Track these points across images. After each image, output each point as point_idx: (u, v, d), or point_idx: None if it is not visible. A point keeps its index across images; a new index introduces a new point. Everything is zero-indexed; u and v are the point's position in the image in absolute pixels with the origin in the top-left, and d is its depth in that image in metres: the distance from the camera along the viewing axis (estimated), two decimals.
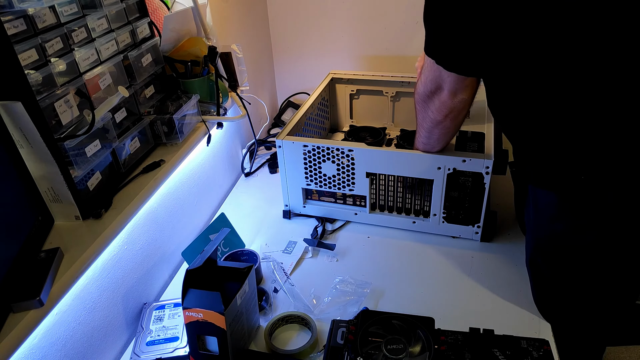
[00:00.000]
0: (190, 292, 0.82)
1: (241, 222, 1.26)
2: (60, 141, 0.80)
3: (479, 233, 1.14)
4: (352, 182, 1.17)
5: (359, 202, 1.22)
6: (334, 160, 1.16)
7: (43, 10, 0.79)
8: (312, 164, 1.19)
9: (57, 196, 0.83)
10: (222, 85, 1.25)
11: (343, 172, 1.17)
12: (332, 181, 1.19)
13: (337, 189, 1.21)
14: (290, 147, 1.18)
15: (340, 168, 1.16)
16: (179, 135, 1.10)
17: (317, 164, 1.18)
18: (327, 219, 1.27)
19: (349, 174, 1.16)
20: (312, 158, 1.18)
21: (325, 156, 1.16)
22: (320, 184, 1.21)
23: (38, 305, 0.69)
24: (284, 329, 0.96)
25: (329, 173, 1.18)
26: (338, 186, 1.20)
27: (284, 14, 1.78)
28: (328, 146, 1.14)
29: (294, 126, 1.25)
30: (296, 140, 1.17)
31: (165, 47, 1.15)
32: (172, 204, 1.15)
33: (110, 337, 0.94)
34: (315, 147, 1.15)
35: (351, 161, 1.14)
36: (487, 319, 0.95)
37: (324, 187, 1.21)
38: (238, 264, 0.92)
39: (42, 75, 0.78)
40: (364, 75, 1.54)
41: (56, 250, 0.77)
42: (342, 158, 1.14)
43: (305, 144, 1.16)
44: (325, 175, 1.19)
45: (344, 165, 1.16)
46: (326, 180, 1.20)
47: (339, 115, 1.64)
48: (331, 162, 1.16)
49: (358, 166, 1.14)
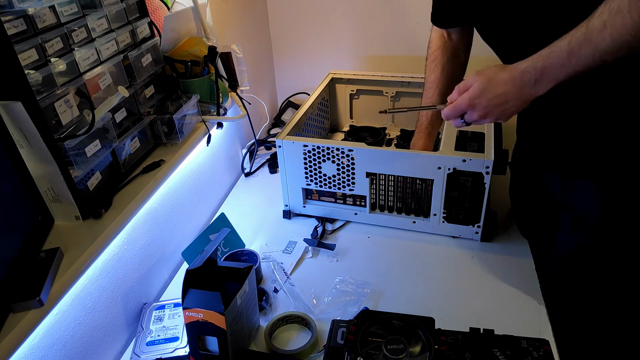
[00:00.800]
0: (191, 292, 0.82)
1: (241, 222, 1.26)
2: (60, 141, 0.80)
3: (479, 233, 1.15)
4: (352, 182, 1.18)
5: (359, 202, 1.22)
6: (334, 160, 1.16)
7: (43, 10, 0.79)
8: (312, 163, 1.19)
9: (57, 196, 0.83)
10: (222, 85, 1.25)
11: (343, 172, 1.17)
12: (332, 181, 1.20)
13: (337, 189, 1.21)
14: (290, 147, 1.18)
15: (341, 168, 1.17)
16: (179, 135, 1.10)
17: (317, 163, 1.18)
18: (327, 219, 1.27)
19: (349, 173, 1.17)
20: (312, 158, 1.18)
21: (326, 156, 1.16)
22: (321, 184, 1.21)
23: (38, 305, 0.69)
24: (284, 329, 0.96)
25: (329, 173, 1.18)
26: (338, 186, 1.20)
27: (284, 14, 1.78)
28: (328, 146, 1.14)
29: (294, 126, 1.25)
30: (296, 140, 1.17)
31: (165, 47, 1.15)
32: (172, 204, 1.15)
33: (110, 337, 0.94)
34: (315, 147, 1.16)
35: (351, 161, 1.14)
36: (487, 318, 0.95)
37: (324, 187, 1.21)
38: (238, 264, 0.92)
39: (42, 75, 0.78)
40: (364, 75, 1.54)
41: (56, 250, 0.77)
42: (342, 158, 1.15)
43: (305, 144, 1.16)
44: (325, 175, 1.19)
45: (344, 165, 1.16)
46: (326, 180, 1.20)
47: (339, 115, 1.65)
48: (331, 162, 1.16)
49: (358, 166, 1.15)
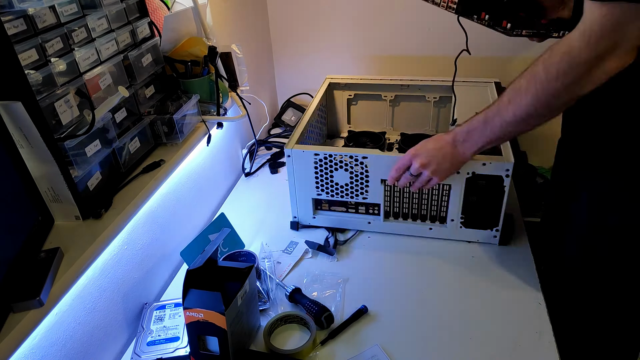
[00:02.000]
0: (191, 293, 0.82)
1: (241, 222, 1.26)
2: (60, 141, 0.80)
3: (498, 237, 1.12)
4: (366, 190, 1.13)
5: (372, 210, 1.18)
6: (347, 168, 1.11)
7: (43, 10, 0.79)
8: (324, 172, 1.14)
9: (57, 196, 0.83)
10: (222, 85, 1.25)
11: (356, 180, 1.12)
12: (344, 190, 1.15)
13: (349, 198, 1.16)
14: (300, 156, 1.13)
15: (354, 176, 1.12)
16: (179, 135, 1.10)
17: (329, 172, 1.13)
18: (337, 229, 1.23)
19: (362, 181, 1.12)
20: (323, 167, 1.13)
21: (338, 164, 1.11)
22: (332, 193, 1.16)
23: (38, 305, 0.69)
24: (283, 329, 0.96)
25: (342, 182, 1.14)
26: (351, 194, 1.15)
27: (284, 14, 1.78)
28: (341, 153, 1.10)
29: (301, 134, 1.20)
30: (306, 149, 1.12)
31: (165, 47, 1.15)
32: (172, 204, 1.15)
33: (110, 337, 0.94)
34: (327, 155, 1.10)
35: (365, 168, 1.10)
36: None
37: (336, 196, 1.17)
38: (238, 264, 0.92)
39: (42, 75, 0.78)
40: (362, 80, 1.49)
41: (56, 250, 0.77)
42: (356, 165, 1.10)
43: (316, 152, 1.11)
44: (337, 184, 1.14)
45: (357, 173, 1.11)
46: (338, 189, 1.15)
47: (337, 121, 1.59)
48: (344, 170, 1.12)
49: (372, 173, 1.10)
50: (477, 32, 1.09)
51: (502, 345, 0.89)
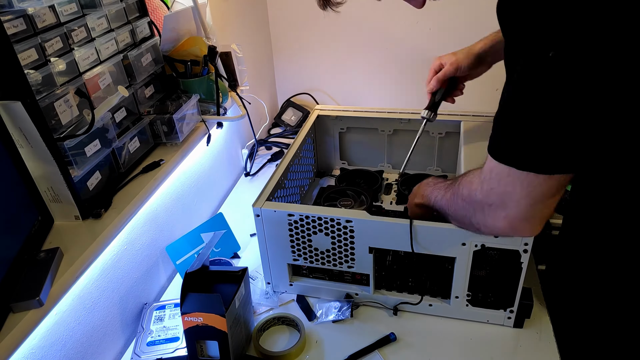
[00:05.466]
0: (190, 297, 0.81)
1: (242, 222, 1.26)
2: (60, 141, 0.80)
3: (512, 318, 0.92)
4: (352, 259, 0.94)
5: (359, 279, 0.99)
6: (328, 233, 0.92)
7: (43, 10, 0.79)
8: (300, 236, 0.94)
9: (57, 196, 0.83)
10: (222, 85, 1.25)
11: (340, 247, 0.93)
12: (325, 256, 0.96)
13: (332, 266, 0.97)
14: (270, 216, 0.94)
15: (337, 242, 0.93)
16: (178, 135, 1.10)
17: (306, 236, 0.94)
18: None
19: (347, 248, 0.93)
20: (299, 229, 0.94)
21: (317, 227, 0.92)
22: (311, 260, 0.97)
23: (38, 305, 0.69)
24: (272, 331, 0.96)
25: (322, 247, 0.94)
26: (334, 262, 0.96)
27: (284, 14, 1.78)
28: (320, 215, 0.90)
29: (276, 185, 1.02)
30: (278, 209, 0.93)
31: (165, 46, 1.15)
32: (172, 204, 1.15)
33: (110, 337, 0.94)
34: (304, 217, 0.91)
35: (350, 234, 0.91)
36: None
37: (316, 262, 0.97)
38: (232, 267, 0.91)
39: (42, 75, 0.78)
40: (355, 112, 1.30)
41: (56, 250, 0.77)
42: (339, 230, 0.91)
43: (290, 213, 0.92)
44: (317, 250, 0.95)
45: (342, 239, 0.92)
46: (319, 255, 0.96)
47: (328, 156, 1.40)
48: (324, 234, 0.92)
49: (359, 240, 0.91)
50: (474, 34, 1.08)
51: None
